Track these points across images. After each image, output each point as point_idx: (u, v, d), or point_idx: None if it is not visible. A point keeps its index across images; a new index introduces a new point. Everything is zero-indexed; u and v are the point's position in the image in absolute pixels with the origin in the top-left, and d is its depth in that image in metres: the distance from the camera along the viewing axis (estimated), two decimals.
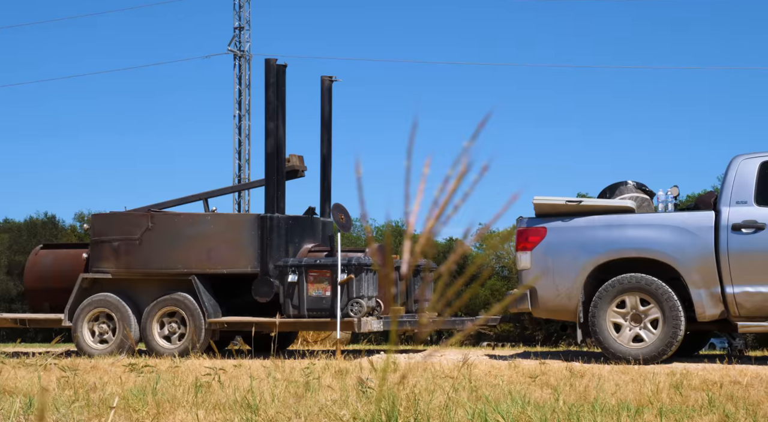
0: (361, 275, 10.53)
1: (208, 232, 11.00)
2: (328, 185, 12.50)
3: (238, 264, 11.00)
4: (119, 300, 10.99)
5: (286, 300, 10.61)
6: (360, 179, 1.45)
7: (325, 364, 7.97)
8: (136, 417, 4.23)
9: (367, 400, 4.89)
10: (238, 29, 29.29)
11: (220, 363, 8.26)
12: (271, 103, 11.48)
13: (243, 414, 4.09)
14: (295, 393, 5.42)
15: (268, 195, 11.41)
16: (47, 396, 5.02)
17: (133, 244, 11.04)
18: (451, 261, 1.52)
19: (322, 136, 12.48)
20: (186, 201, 12.40)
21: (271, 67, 11.52)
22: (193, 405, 4.65)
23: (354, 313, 10.45)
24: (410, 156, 1.44)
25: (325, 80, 12.45)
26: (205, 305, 10.78)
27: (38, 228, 45.84)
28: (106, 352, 10.80)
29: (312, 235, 11.63)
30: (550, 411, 3.81)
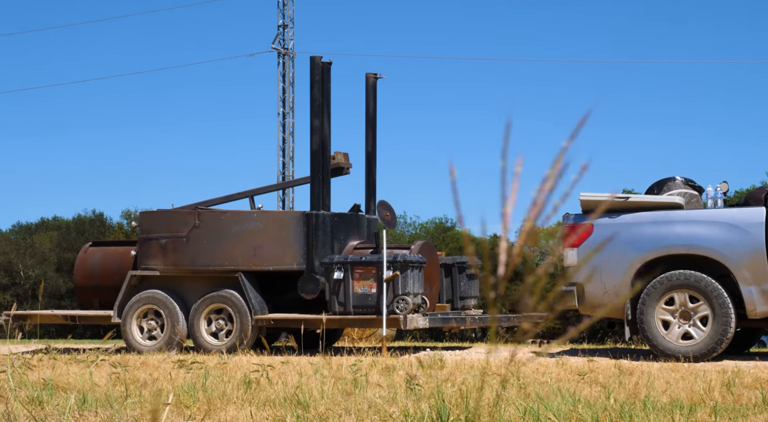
0: (406, 272, 10.53)
1: (255, 229, 11.07)
2: (373, 182, 12.52)
3: (284, 261, 11.05)
4: (167, 297, 11.10)
5: (332, 297, 10.64)
6: (454, 182, 1.44)
7: (371, 361, 7.98)
8: (188, 413, 4.26)
9: (416, 397, 4.89)
10: (282, 27, 29.41)
11: (268, 360, 8.31)
12: (316, 100, 11.51)
13: (293, 411, 4.11)
14: (343, 390, 5.43)
15: (313, 192, 11.45)
16: (99, 392, 5.08)
17: (180, 242, 11.14)
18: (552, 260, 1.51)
19: (367, 133, 12.50)
20: (232, 198, 12.49)
21: (316, 65, 11.55)
22: (243, 401, 4.68)
23: (400, 310, 10.45)
24: (505, 156, 1.42)
25: (369, 77, 12.47)
26: (252, 302, 10.85)
27: (86, 225, 46.42)
28: (154, 349, 10.91)
29: (357, 232, 11.65)
30: (601, 409, 3.79)
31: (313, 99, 11.54)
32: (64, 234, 46.26)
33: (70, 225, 46.93)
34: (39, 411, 4.15)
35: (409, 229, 49.72)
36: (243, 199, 12.44)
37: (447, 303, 12.08)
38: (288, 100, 29.72)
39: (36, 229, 47.58)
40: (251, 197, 12.37)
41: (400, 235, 44.28)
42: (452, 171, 1.47)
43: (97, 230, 45.93)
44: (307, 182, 11.86)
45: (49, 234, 46.11)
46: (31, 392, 4.76)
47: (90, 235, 43.90)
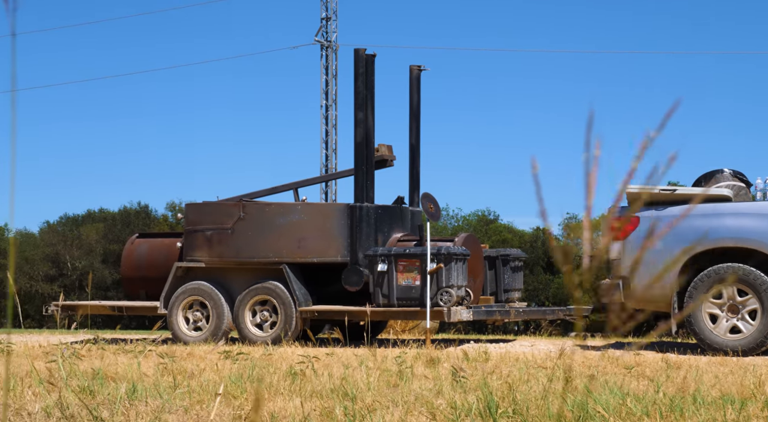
0: (450, 264, 10.52)
1: (299, 222, 11.11)
2: (416, 174, 12.51)
3: (328, 253, 11.09)
4: (212, 289, 11.18)
5: (376, 289, 10.66)
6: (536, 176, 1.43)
7: (416, 353, 7.99)
8: (237, 403, 4.30)
9: (462, 389, 4.88)
10: (325, 20, 29.47)
11: (313, 352, 8.35)
12: (360, 92, 11.52)
13: (341, 402, 4.12)
14: (388, 382, 5.44)
15: (357, 184, 11.47)
16: (148, 382, 5.14)
17: (225, 234, 11.22)
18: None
19: (411, 126, 12.49)
20: (276, 190, 12.55)
21: (360, 57, 11.56)
22: (290, 392, 4.71)
23: (443, 303, 10.44)
24: (589, 147, 1.41)
25: (413, 69, 12.45)
26: (296, 294, 10.90)
27: (131, 217, 46.94)
28: (200, 339, 11.00)
29: (401, 225, 11.66)
30: (650, 403, 3.75)
31: (357, 91, 11.55)
32: (110, 226, 46.81)
33: (116, 217, 47.48)
34: (90, 400, 4.20)
35: (452, 222, 49.66)
36: (287, 191, 12.50)
37: (491, 295, 12.06)
38: (331, 93, 29.78)
39: (83, 221, 48.20)
40: (295, 189, 12.42)
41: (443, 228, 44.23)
42: (534, 165, 1.46)
43: (143, 222, 46.41)
44: (351, 174, 11.89)
45: (96, 225, 46.68)
46: (82, 381, 4.83)
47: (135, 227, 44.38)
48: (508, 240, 44.50)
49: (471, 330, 21.91)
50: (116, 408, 3.94)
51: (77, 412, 3.82)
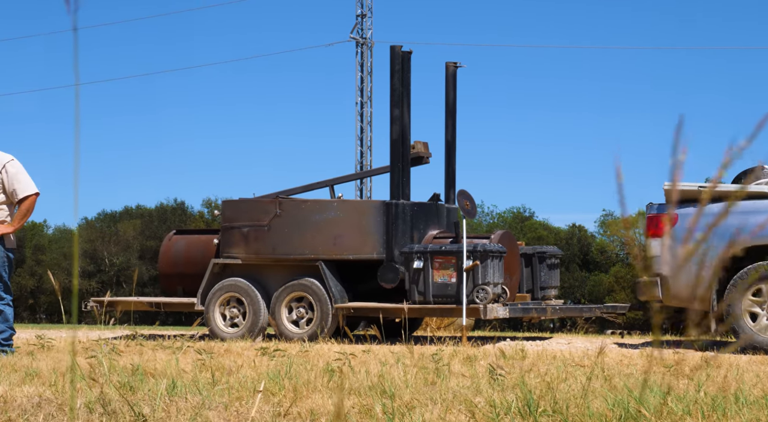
0: (486, 261, 10.49)
1: (335, 219, 11.13)
2: (452, 171, 12.48)
3: (363, 250, 11.10)
4: (249, 285, 11.23)
5: (412, 286, 10.65)
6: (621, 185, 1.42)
7: (452, 351, 7.97)
8: (275, 400, 4.31)
9: (500, 387, 4.87)
10: (360, 17, 29.49)
11: (349, 348, 8.37)
12: (396, 89, 11.51)
13: (379, 400, 4.12)
14: (425, 380, 5.44)
15: (393, 181, 11.47)
16: (187, 378, 5.17)
17: (261, 230, 11.26)
18: None
19: (447, 123, 12.46)
20: (312, 187, 12.58)
21: (396, 54, 11.55)
22: (328, 389, 4.72)
23: (480, 300, 10.42)
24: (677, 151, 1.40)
25: (449, 66, 12.43)
26: (332, 290, 10.92)
27: (168, 214, 47.27)
28: (237, 336, 11.06)
29: (437, 222, 11.64)
30: (692, 403, 3.72)
31: (393, 88, 11.54)
32: (147, 222, 47.17)
33: (153, 214, 47.83)
34: (131, 396, 4.24)
35: (487, 219, 49.51)
36: (323, 188, 12.52)
37: (527, 293, 12.01)
38: (366, 90, 29.80)
39: (120, 217, 48.62)
40: (331, 186, 12.44)
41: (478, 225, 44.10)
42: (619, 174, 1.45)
43: (179, 218, 46.73)
44: (387, 171, 11.88)
45: (133, 222, 47.07)
46: (122, 377, 4.87)
47: (172, 224, 44.69)
48: (544, 237, 44.30)
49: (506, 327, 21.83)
50: (157, 404, 3.97)
51: (119, 408, 3.86)
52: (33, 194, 7.76)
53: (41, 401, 4.13)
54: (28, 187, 7.74)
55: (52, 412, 3.90)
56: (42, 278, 45.04)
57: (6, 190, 7.72)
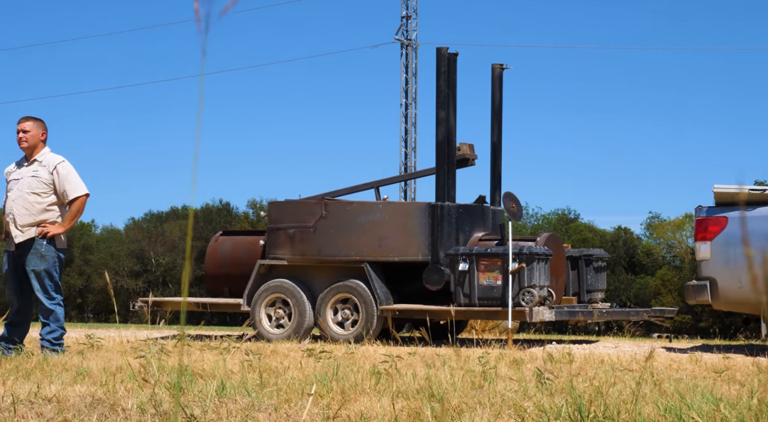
0: (532, 264, 10.43)
1: (380, 220, 11.14)
2: (498, 173, 12.43)
3: (409, 252, 11.09)
4: (294, 287, 11.27)
5: (457, 288, 10.62)
6: None
7: (499, 354, 7.93)
8: (324, 403, 4.32)
9: (548, 392, 4.83)
10: (405, 18, 29.48)
11: (395, 350, 8.36)
12: (441, 91, 11.49)
13: (428, 403, 4.11)
14: (472, 383, 5.42)
15: (438, 183, 11.45)
16: (235, 380, 5.20)
17: (307, 232, 11.29)
18: None
19: (493, 125, 12.42)
20: (357, 189, 12.60)
21: (442, 56, 11.53)
22: (375, 391, 4.72)
23: (525, 303, 10.36)
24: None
25: (495, 68, 12.38)
26: (377, 292, 10.93)
27: (213, 214, 47.62)
28: (282, 337, 11.10)
29: (482, 224, 11.60)
30: (745, 409, 3.66)
31: (439, 90, 11.52)
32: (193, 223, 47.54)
33: (199, 215, 48.20)
34: (180, 396, 4.27)
35: (531, 221, 49.25)
36: (368, 189, 12.54)
37: (573, 296, 11.93)
38: (410, 91, 29.78)
39: (166, 218, 49.07)
40: (376, 188, 12.45)
41: (522, 227, 43.86)
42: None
43: (224, 219, 47.04)
44: (432, 173, 11.87)
45: (179, 222, 47.47)
46: (172, 378, 4.91)
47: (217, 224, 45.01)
48: (589, 240, 43.97)
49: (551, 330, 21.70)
50: (207, 405, 3.99)
51: (170, 409, 3.88)
52: (83, 195, 7.86)
53: (93, 401, 4.18)
54: (79, 188, 7.84)
55: (105, 412, 3.94)
56: (90, 277, 45.59)
57: (57, 191, 7.82)
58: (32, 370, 5.91)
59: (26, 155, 7.94)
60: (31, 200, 7.77)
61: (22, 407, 4.04)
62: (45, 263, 7.71)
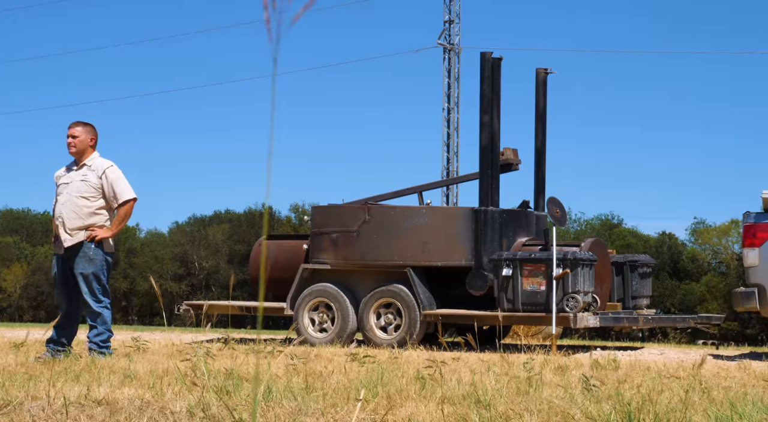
0: (576, 270, 10.36)
1: (424, 225, 11.13)
2: (542, 178, 12.38)
3: (452, 257, 11.07)
4: (338, 291, 11.29)
5: (501, 293, 10.58)
6: None
7: (543, 359, 7.89)
8: (370, 407, 4.33)
9: (595, 399, 4.80)
10: (448, 23, 29.46)
11: (438, 355, 8.34)
12: (485, 96, 11.46)
13: (475, 409, 4.10)
14: (518, 389, 5.39)
15: (482, 188, 11.42)
16: (280, 384, 5.22)
17: (350, 236, 11.31)
18: None
19: (537, 129, 12.37)
20: (401, 194, 12.61)
21: (486, 60, 11.51)
22: (421, 397, 4.71)
23: (570, 308, 10.30)
24: None
25: (540, 72, 12.33)
26: (420, 297, 10.92)
27: (256, 219, 47.87)
28: (326, 341, 11.13)
29: (526, 229, 11.55)
30: None
31: (482, 94, 11.50)
32: (236, 226, 47.85)
33: (241, 219, 48.51)
34: (227, 400, 4.30)
35: (574, 226, 48.94)
36: (411, 194, 12.54)
37: (618, 302, 11.83)
38: (453, 96, 29.75)
39: (210, 222, 49.43)
40: (420, 193, 12.45)
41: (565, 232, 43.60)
42: None
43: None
44: (475, 178, 11.84)
45: (222, 226, 47.79)
46: (218, 381, 4.94)
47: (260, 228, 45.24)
48: (633, 245, 43.58)
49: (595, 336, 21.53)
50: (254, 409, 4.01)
51: (218, 413, 3.91)
52: (131, 199, 7.94)
53: (142, 403, 4.22)
54: (127, 193, 7.92)
55: (154, 415, 3.97)
56: (134, 281, 46.04)
57: (105, 195, 7.91)
58: (81, 372, 5.98)
59: (75, 159, 8.04)
60: (80, 204, 7.87)
61: (73, 409, 4.09)
62: (93, 266, 7.80)
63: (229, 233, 47.06)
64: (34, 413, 3.91)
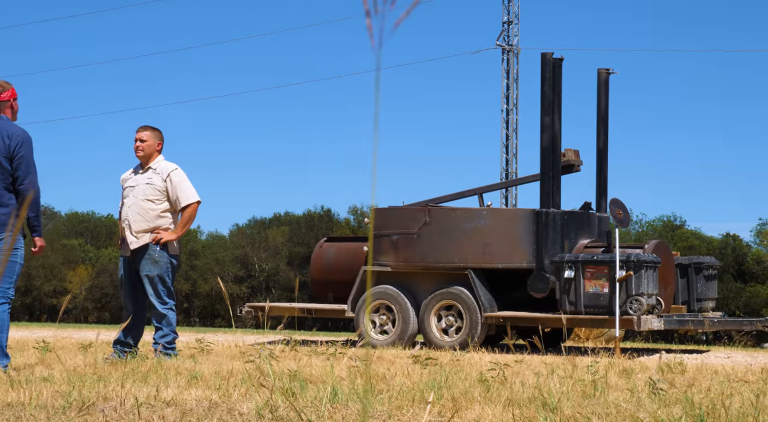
0: (640, 272, 10.24)
1: (484, 227, 11.09)
2: (604, 180, 12.26)
3: (513, 259, 11.01)
4: (398, 293, 11.30)
5: (562, 296, 10.50)
6: None
7: (608, 363, 7.81)
8: (435, 410, 4.32)
9: (663, 402, 4.74)
10: (506, 23, 29.33)
11: (501, 358, 8.31)
12: (546, 97, 11.39)
13: (542, 412, 4.07)
14: (583, 392, 5.34)
15: (543, 189, 11.34)
16: (345, 386, 5.24)
17: (411, 238, 11.31)
18: None
19: (599, 130, 12.25)
20: (461, 195, 12.57)
21: (547, 61, 11.43)
22: (486, 400, 4.69)
23: (633, 311, 10.18)
24: None
25: (601, 73, 12.21)
26: (482, 299, 10.88)
27: (315, 221, 48.12)
28: (386, 343, 11.14)
29: (588, 231, 11.45)
30: None
31: (543, 96, 11.42)
32: (295, 229, 48.14)
33: (301, 221, 48.78)
34: (294, 401, 4.32)
35: (635, 228, 48.38)
36: (472, 196, 12.50)
37: (682, 304, 11.67)
38: (512, 97, 29.60)
39: (269, 224, 49.79)
40: (480, 194, 12.41)
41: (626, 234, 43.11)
42: None
43: (326, 225, 47.48)
44: (537, 179, 11.76)
45: (282, 228, 48.11)
46: (284, 383, 4.97)
47: (319, 231, 45.47)
48: (696, 247, 42.93)
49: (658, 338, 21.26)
50: (322, 411, 4.04)
51: (285, 414, 3.94)
52: (195, 202, 8.04)
53: (211, 405, 4.26)
54: (191, 196, 8.02)
55: (223, 416, 4.02)
56: (196, 283, 46.56)
57: (170, 198, 8.02)
58: (148, 373, 6.07)
59: (141, 163, 8.16)
60: (146, 207, 7.98)
61: (144, 410, 4.15)
62: (158, 268, 7.90)
63: (288, 235, 47.35)
64: (107, 413, 3.98)
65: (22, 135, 6.68)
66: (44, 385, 5.19)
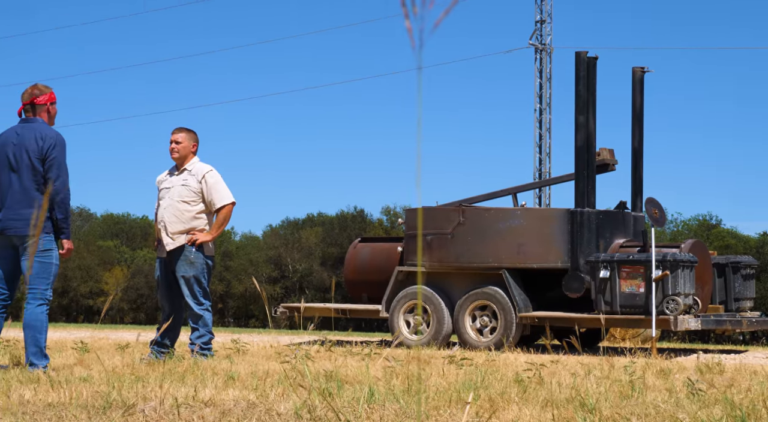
0: (676, 271, 10.16)
1: (518, 227, 11.05)
2: (639, 179, 12.18)
3: (547, 259, 10.97)
4: (433, 293, 11.29)
5: (598, 296, 10.44)
6: None
7: (645, 363, 7.75)
8: (472, 411, 4.31)
9: (702, 403, 4.70)
10: (539, 23, 29.21)
11: (536, 358, 8.28)
12: (581, 96, 11.33)
13: (580, 413, 4.06)
14: (620, 393, 5.31)
15: (578, 189, 11.28)
16: (381, 386, 5.24)
17: (445, 238, 11.30)
18: None
19: (634, 129, 12.17)
20: (495, 195, 12.54)
21: (581, 60, 11.37)
22: (523, 400, 4.68)
23: (670, 311, 10.10)
24: None
25: (636, 71, 12.13)
26: (516, 299, 10.84)
27: (348, 221, 48.19)
28: (421, 343, 11.14)
29: (623, 230, 11.37)
30: None
31: (577, 95, 11.37)
32: (328, 229, 48.23)
33: (334, 221, 48.87)
34: (331, 402, 4.34)
35: (671, 227, 48.00)
36: (505, 196, 12.47)
37: (720, 304, 11.56)
38: (545, 96, 29.48)
39: (303, 225, 49.93)
40: (514, 194, 12.37)
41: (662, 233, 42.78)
42: None
43: (359, 226, 47.54)
44: (571, 179, 11.70)
45: (315, 229, 48.23)
46: (321, 383, 4.99)
47: (352, 231, 45.54)
48: (732, 246, 42.50)
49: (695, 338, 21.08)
50: (359, 411, 4.04)
51: (323, 414, 3.95)
52: (230, 203, 8.08)
53: (248, 405, 4.29)
54: (226, 197, 8.06)
55: (261, 416, 4.04)
56: (230, 283, 46.80)
57: (205, 200, 8.06)
58: (185, 374, 6.11)
59: (177, 164, 8.21)
60: (181, 208, 8.03)
61: (184, 410, 4.18)
62: (194, 269, 7.95)
63: (321, 236, 47.46)
64: (147, 413, 4.01)
65: (56, 137, 6.75)
66: (84, 385, 5.24)
